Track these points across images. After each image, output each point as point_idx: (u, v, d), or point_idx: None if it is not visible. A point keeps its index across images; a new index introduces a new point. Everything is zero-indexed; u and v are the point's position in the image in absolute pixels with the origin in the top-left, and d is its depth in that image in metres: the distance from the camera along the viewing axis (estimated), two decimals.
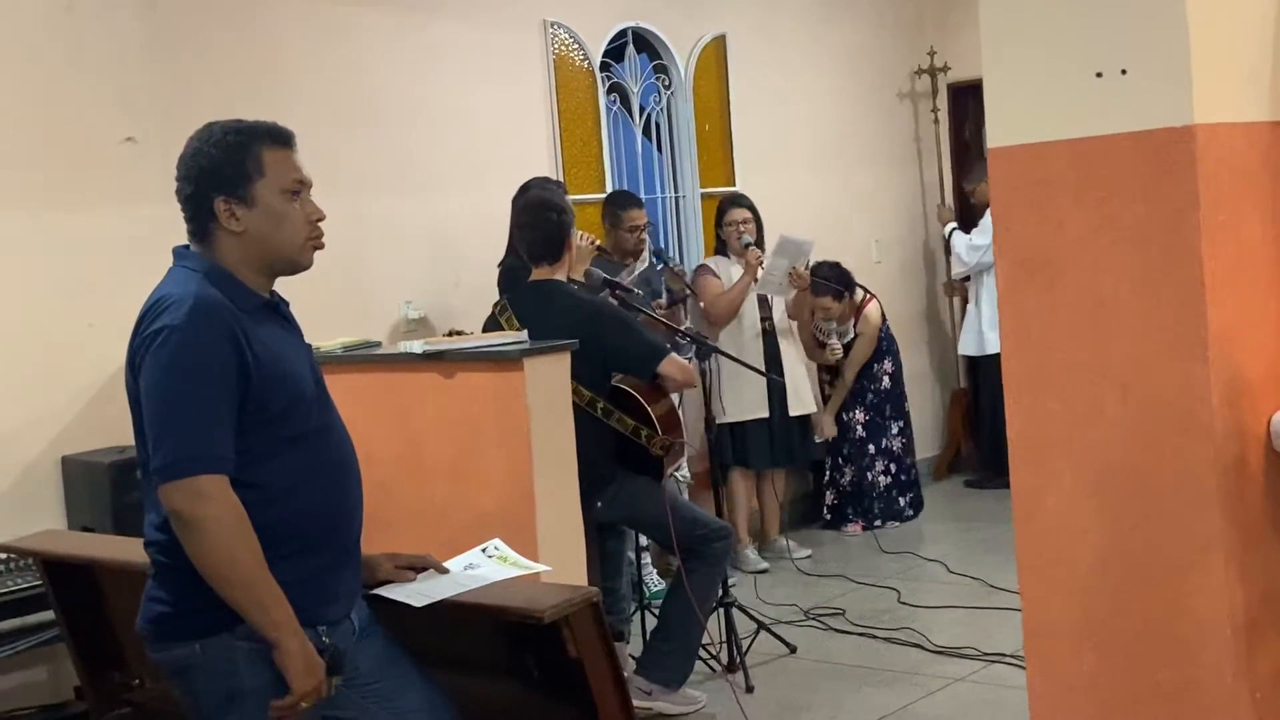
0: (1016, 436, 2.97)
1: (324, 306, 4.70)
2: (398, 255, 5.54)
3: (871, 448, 6.87)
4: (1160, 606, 2.81)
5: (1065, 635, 2.94)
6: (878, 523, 6.87)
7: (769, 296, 6.38)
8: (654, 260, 6.00)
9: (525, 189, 5.23)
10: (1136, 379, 2.79)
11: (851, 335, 6.83)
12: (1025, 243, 2.91)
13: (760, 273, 6.21)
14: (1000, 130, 2.93)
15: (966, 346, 7.42)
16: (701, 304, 6.23)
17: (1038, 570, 2.98)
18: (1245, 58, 2.82)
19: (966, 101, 7.84)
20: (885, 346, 6.92)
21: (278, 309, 2.55)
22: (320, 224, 2.52)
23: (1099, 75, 2.77)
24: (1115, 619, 2.87)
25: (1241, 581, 2.76)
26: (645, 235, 5.84)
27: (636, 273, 5.69)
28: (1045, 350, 2.90)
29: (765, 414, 6.33)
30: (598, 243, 5.16)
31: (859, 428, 6.85)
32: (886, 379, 6.91)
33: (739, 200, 6.44)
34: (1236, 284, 2.75)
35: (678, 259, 6.57)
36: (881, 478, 6.89)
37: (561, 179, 6.14)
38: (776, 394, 6.33)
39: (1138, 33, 2.72)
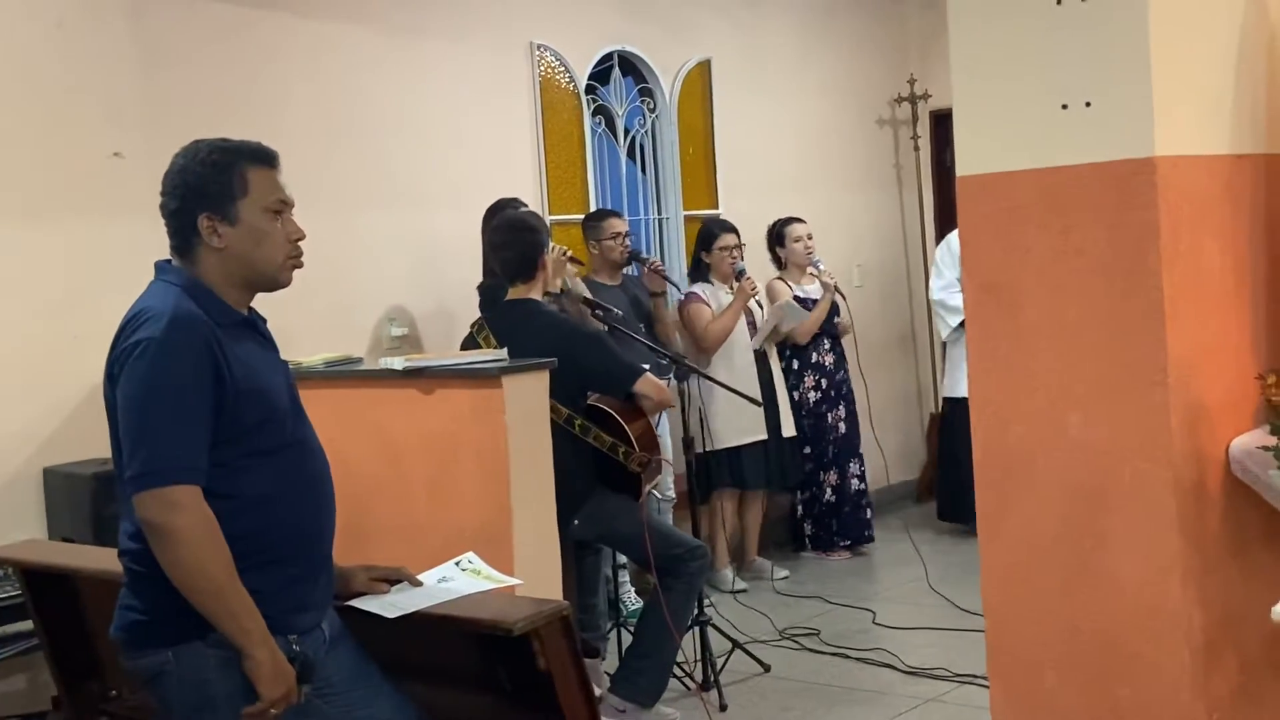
0: (981, 458, 3.03)
1: (307, 322, 4.75)
2: (381, 272, 5.59)
3: (851, 444, 6.87)
4: (1120, 627, 2.87)
5: (1027, 655, 2.99)
6: (846, 541, 6.88)
7: (757, 319, 6.44)
8: (632, 266, 6.03)
9: (495, 210, 5.30)
10: (1098, 403, 2.85)
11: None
12: (991, 268, 2.97)
13: (761, 288, 6.33)
14: (969, 159, 3.00)
15: None
16: (693, 331, 6.27)
17: (1001, 590, 3.04)
18: (1206, 92, 2.90)
19: (947, 129, 7.88)
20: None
21: (255, 325, 2.60)
22: (300, 244, 2.58)
23: (1064, 107, 2.84)
24: (1075, 639, 2.92)
25: (1200, 603, 2.82)
26: (628, 241, 5.90)
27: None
28: (1009, 373, 2.96)
29: (764, 436, 6.36)
30: (570, 253, 5.21)
31: (841, 424, 6.84)
32: (852, 382, 6.92)
33: (728, 225, 6.49)
34: (1196, 312, 2.82)
35: (657, 258, 6.58)
36: (854, 481, 6.90)
37: (546, 199, 6.21)
38: (771, 416, 6.38)
39: (1102, 67, 2.80)
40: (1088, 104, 2.82)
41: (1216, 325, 2.89)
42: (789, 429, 6.52)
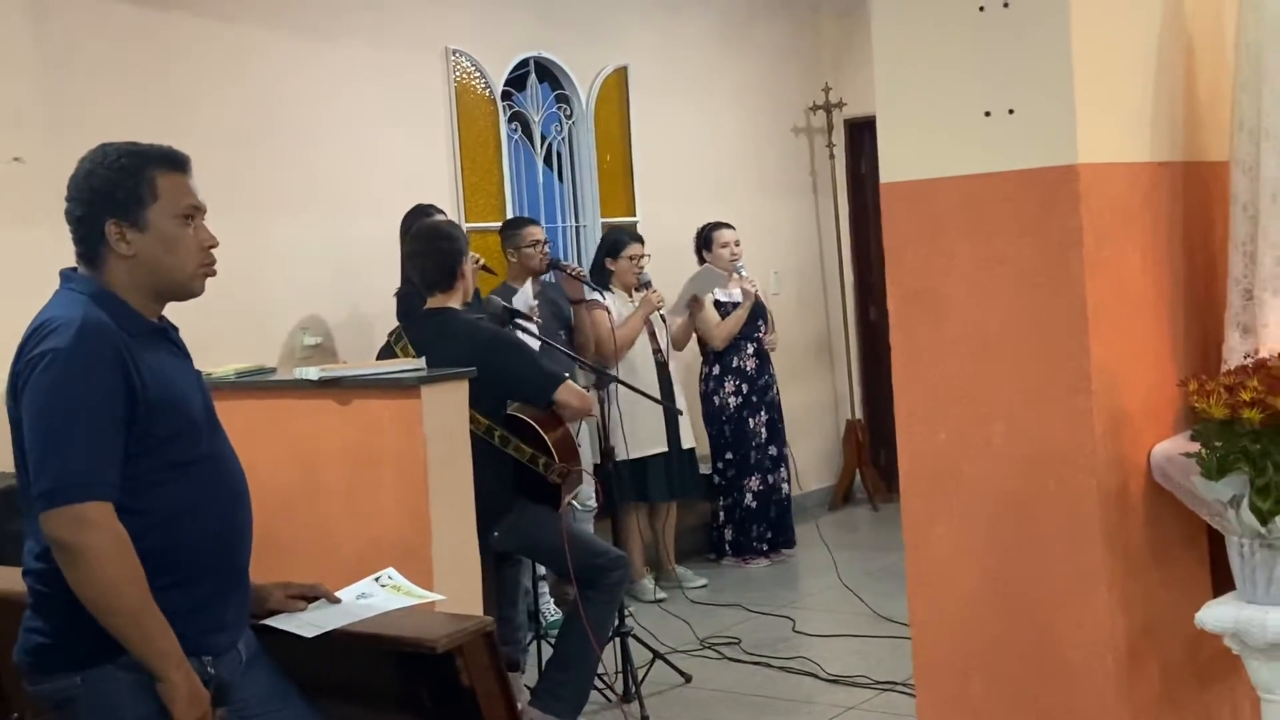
0: (907, 466, 3.03)
1: (218, 331, 4.64)
2: (295, 280, 5.49)
3: (773, 450, 6.88)
4: (1045, 634, 2.87)
5: (953, 663, 2.99)
6: (766, 546, 6.88)
7: (658, 329, 6.42)
8: (550, 275, 5.99)
9: (412, 216, 5.23)
10: (1022, 410, 2.85)
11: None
12: (916, 276, 2.97)
13: (664, 300, 6.32)
14: (893, 166, 2.99)
15: None
16: (594, 337, 6.24)
17: (927, 598, 3.03)
18: (1127, 101, 2.92)
19: (862, 137, 7.97)
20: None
21: (167, 334, 2.51)
22: (213, 251, 2.50)
23: (987, 115, 2.85)
24: (1001, 647, 2.92)
25: (1123, 610, 2.83)
26: (547, 249, 5.86)
27: (535, 307, 5.64)
28: (935, 381, 2.96)
29: (665, 448, 6.36)
30: (482, 261, 5.15)
31: (763, 430, 6.84)
32: (776, 388, 6.94)
33: (636, 235, 6.48)
34: (1118, 319, 2.84)
35: (577, 264, 6.56)
36: (784, 486, 6.91)
37: (462, 206, 6.14)
38: (673, 427, 6.36)
39: (1025, 75, 2.81)
40: (1011, 111, 2.82)
41: (1138, 332, 2.91)
42: (688, 440, 6.51)
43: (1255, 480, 2.58)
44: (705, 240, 6.76)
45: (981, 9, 2.84)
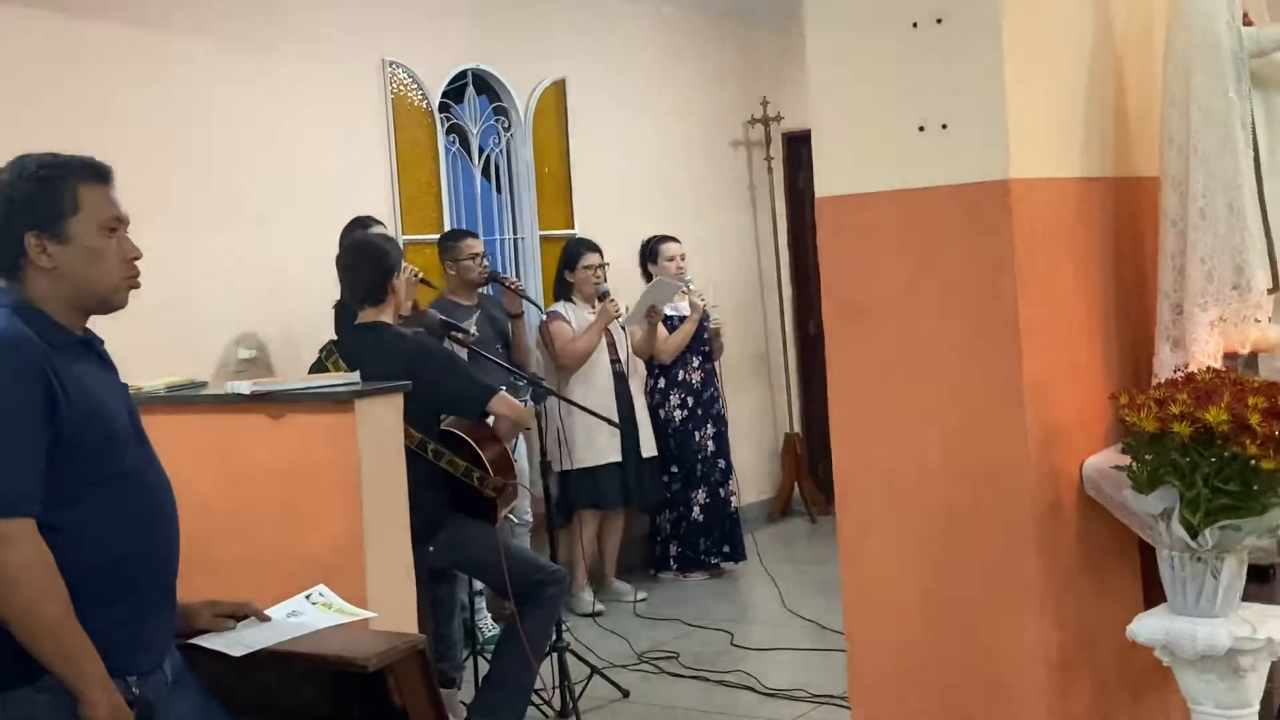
0: (842, 480, 3.03)
1: (149, 345, 4.55)
2: (230, 293, 5.41)
3: (722, 463, 6.87)
4: (979, 647, 2.88)
5: (888, 676, 2.99)
6: (715, 560, 6.87)
7: (618, 339, 6.42)
8: (489, 288, 5.97)
9: (351, 228, 5.19)
10: (956, 423, 2.86)
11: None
12: (849, 290, 2.98)
13: (623, 309, 6.34)
14: (827, 180, 3.00)
15: None
16: (553, 349, 6.24)
17: (862, 611, 3.03)
18: (1058, 116, 2.95)
19: (800, 150, 8.00)
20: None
21: (92, 346, 2.46)
22: (137, 263, 2.45)
23: (921, 129, 2.86)
24: (936, 659, 2.93)
25: (1056, 622, 2.85)
26: (486, 262, 5.84)
27: (473, 321, 5.62)
28: (869, 394, 2.96)
29: (619, 458, 6.34)
30: (420, 274, 5.12)
31: (709, 443, 6.83)
32: (722, 401, 6.95)
33: (592, 245, 6.47)
34: (1050, 332, 2.86)
35: (516, 277, 6.55)
36: (733, 499, 6.90)
37: (399, 219, 6.09)
38: (630, 437, 6.35)
39: (958, 90, 2.82)
40: (944, 126, 2.84)
41: (1070, 346, 2.93)
42: (649, 449, 6.51)
43: (1184, 493, 2.59)
44: (650, 253, 6.77)
45: (915, 25, 2.86)
